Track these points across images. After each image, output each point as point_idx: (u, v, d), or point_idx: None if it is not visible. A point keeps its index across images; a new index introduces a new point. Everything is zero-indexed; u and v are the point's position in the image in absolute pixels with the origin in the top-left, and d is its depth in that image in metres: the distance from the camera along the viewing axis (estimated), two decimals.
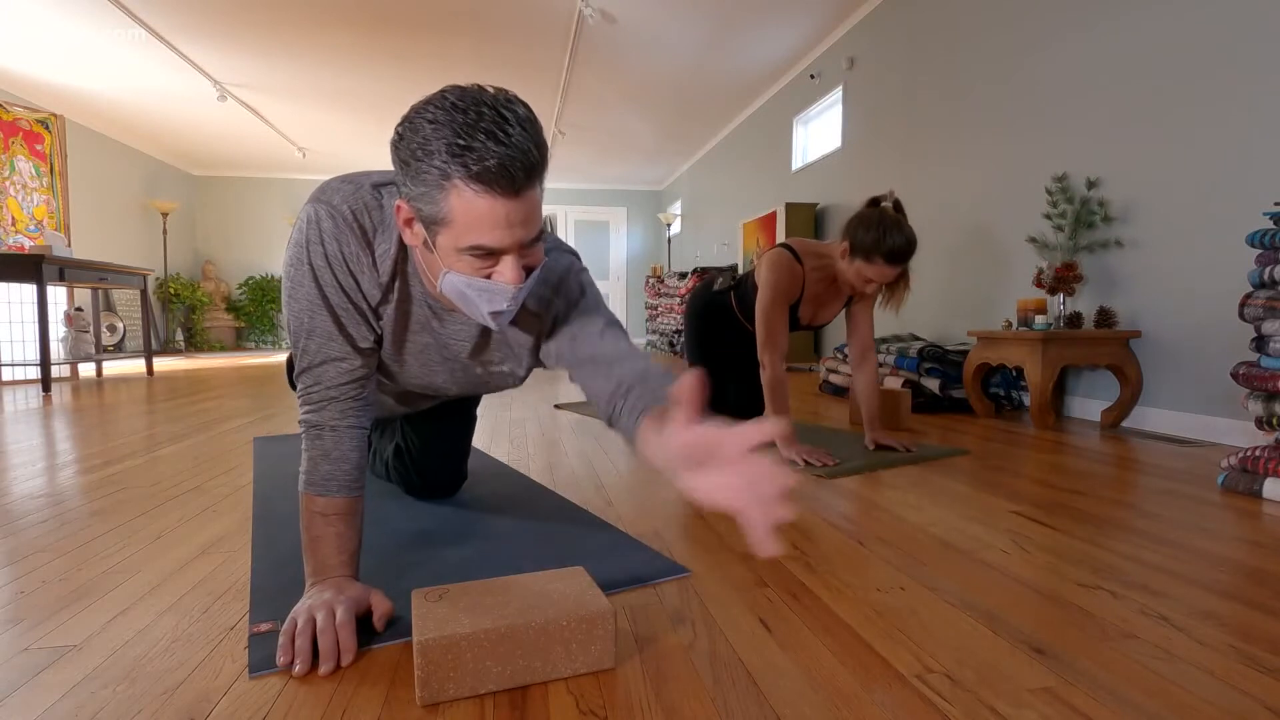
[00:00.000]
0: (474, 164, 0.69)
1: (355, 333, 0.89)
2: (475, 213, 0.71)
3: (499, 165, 0.69)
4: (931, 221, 3.71)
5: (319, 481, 0.86)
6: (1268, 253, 1.54)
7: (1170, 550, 1.14)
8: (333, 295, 0.86)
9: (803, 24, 4.58)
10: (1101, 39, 2.58)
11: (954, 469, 1.78)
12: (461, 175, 0.69)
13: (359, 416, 0.90)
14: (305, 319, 0.87)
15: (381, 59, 5.15)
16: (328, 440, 0.87)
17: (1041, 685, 0.71)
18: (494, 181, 0.70)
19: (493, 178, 0.69)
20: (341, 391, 0.88)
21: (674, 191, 9.56)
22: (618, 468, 1.81)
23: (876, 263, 1.79)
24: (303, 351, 0.88)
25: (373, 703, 0.68)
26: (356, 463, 0.89)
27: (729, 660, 0.77)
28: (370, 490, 1.53)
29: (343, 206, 0.85)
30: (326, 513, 0.86)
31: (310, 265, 0.85)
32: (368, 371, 0.91)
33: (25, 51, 4.91)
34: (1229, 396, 2.15)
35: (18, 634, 0.84)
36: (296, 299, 0.87)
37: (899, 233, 1.76)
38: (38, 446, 2.15)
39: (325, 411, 0.88)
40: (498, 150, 0.69)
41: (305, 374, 0.88)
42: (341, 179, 0.89)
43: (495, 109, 0.70)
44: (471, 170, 0.69)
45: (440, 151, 0.69)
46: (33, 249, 4.14)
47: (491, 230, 0.72)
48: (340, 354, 0.88)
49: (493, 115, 0.69)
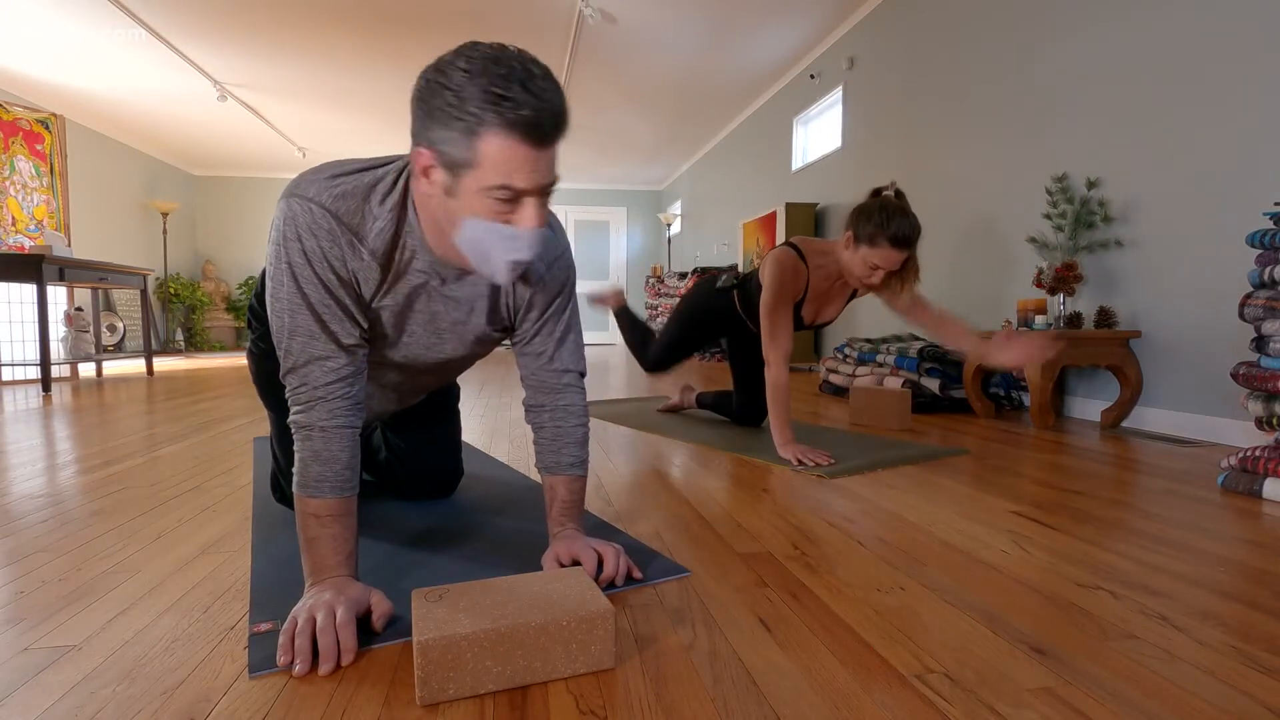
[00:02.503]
0: (509, 112, 0.73)
1: (339, 329, 0.87)
2: (504, 155, 0.75)
3: (534, 115, 0.74)
4: (931, 221, 3.71)
5: (311, 483, 0.86)
6: (1268, 253, 1.54)
7: (1170, 550, 1.14)
8: (312, 292, 0.85)
9: (803, 24, 4.58)
10: (1102, 39, 2.58)
11: (954, 469, 1.78)
12: (497, 121, 0.73)
13: (348, 416, 0.89)
14: (286, 318, 0.86)
15: (381, 59, 5.15)
16: (317, 441, 0.87)
17: (1041, 685, 0.71)
18: (528, 130, 0.74)
19: (527, 127, 0.74)
20: (329, 391, 0.87)
21: (674, 191, 9.56)
22: (618, 468, 1.80)
23: (881, 247, 1.76)
24: (286, 352, 0.87)
25: (373, 703, 0.68)
26: (347, 462, 0.88)
27: (729, 660, 0.77)
28: (370, 490, 1.53)
29: (320, 197, 0.84)
30: (320, 514, 0.85)
31: (288, 263, 0.84)
32: (355, 369, 0.90)
33: (25, 51, 4.91)
34: (1229, 396, 2.15)
35: (18, 634, 0.84)
36: (278, 298, 0.86)
37: (902, 217, 1.75)
38: (38, 446, 2.15)
39: (314, 412, 0.87)
40: (531, 101, 0.73)
41: (291, 374, 0.88)
42: (314, 170, 0.88)
43: (524, 65, 0.75)
44: (507, 118, 0.73)
45: (475, 98, 0.73)
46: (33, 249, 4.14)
47: (519, 171, 0.76)
48: (324, 353, 0.87)
49: (523, 70, 0.74)
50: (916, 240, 1.78)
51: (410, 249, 0.90)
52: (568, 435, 1.06)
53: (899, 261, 1.78)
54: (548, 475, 1.06)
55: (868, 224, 1.78)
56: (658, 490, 1.56)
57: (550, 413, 1.06)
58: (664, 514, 1.37)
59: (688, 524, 1.30)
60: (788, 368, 1.94)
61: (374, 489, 1.54)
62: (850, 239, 1.84)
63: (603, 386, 4.01)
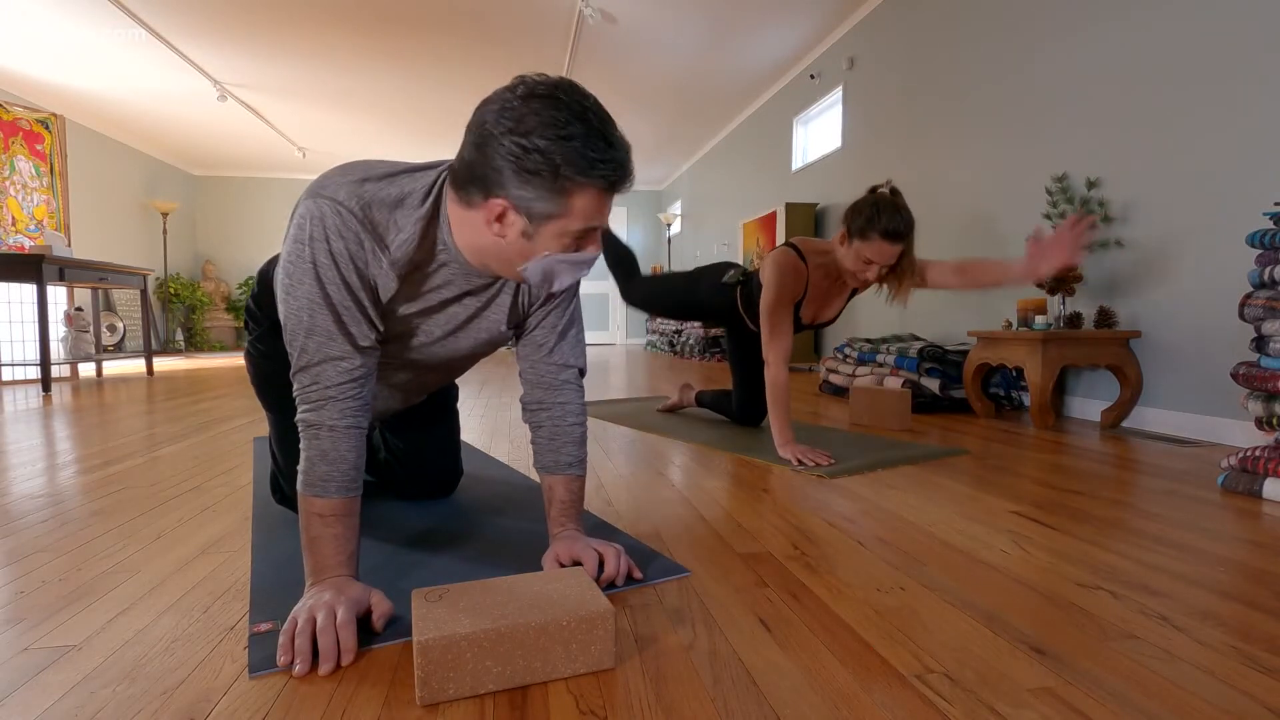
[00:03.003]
0: (605, 173, 0.81)
1: (356, 331, 0.88)
2: (594, 206, 0.84)
3: (622, 172, 0.83)
4: (932, 221, 3.71)
5: (316, 482, 0.86)
6: (1268, 253, 1.54)
7: (1170, 550, 1.14)
8: (335, 293, 0.86)
9: (803, 24, 4.58)
10: (1102, 39, 2.58)
11: (954, 469, 1.78)
12: (592, 184, 0.81)
13: (357, 416, 0.89)
14: (305, 317, 0.86)
15: (381, 59, 5.15)
16: (325, 440, 0.87)
17: (1041, 685, 0.71)
18: (616, 186, 0.84)
19: (616, 184, 0.84)
20: (340, 391, 0.88)
21: (674, 191, 9.56)
22: (618, 468, 1.81)
23: (873, 240, 1.78)
24: (301, 350, 0.87)
25: (373, 703, 0.68)
26: (354, 463, 0.88)
27: (729, 660, 0.77)
28: (370, 490, 1.53)
29: (350, 201, 0.85)
30: (324, 514, 0.85)
31: (313, 262, 0.84)
32: (367, 371, 0.90)
33: (25, 51, 4.91)
34: (1229, 396, 2.15)
35: (18, 634, 0.84)
36: (295, 296, 0.86)
37: (894, 211, 1.76)
38: (38, 446, 2.15)
39: (324, 411, 0.87)
40: (618, 157, 0.82)
41: (303, 373, 0.88)
42: (340, 171, 0.88)
43: (599, 117, 0.81)
44: (605, 179, 0.81)
45: (571, 162, 0.78)
46: (33, 249, 4.14)
47: (600, 214, 0.86)
48: (340, 353, 0.87)
49: (599, 124, 0.80)
50: (909, 235, 1.79)
51: (440, 261, 0.92)
52: (566, 434, 1.07)
53: (892, 255, 1.79)
54: (546, 475, 1.07)
55: (859, 219, 1.80)
56: (658, 490, 1.56)
57: (548, 411, 1.07)
58: (664, 514, 1.37)
59: (688, 524, 1.30)
60: (788, 367, 1.94)
61: (374, 489, 1.54)
62: (844, 235, 1.86)
63: (603, 386, 4.01)
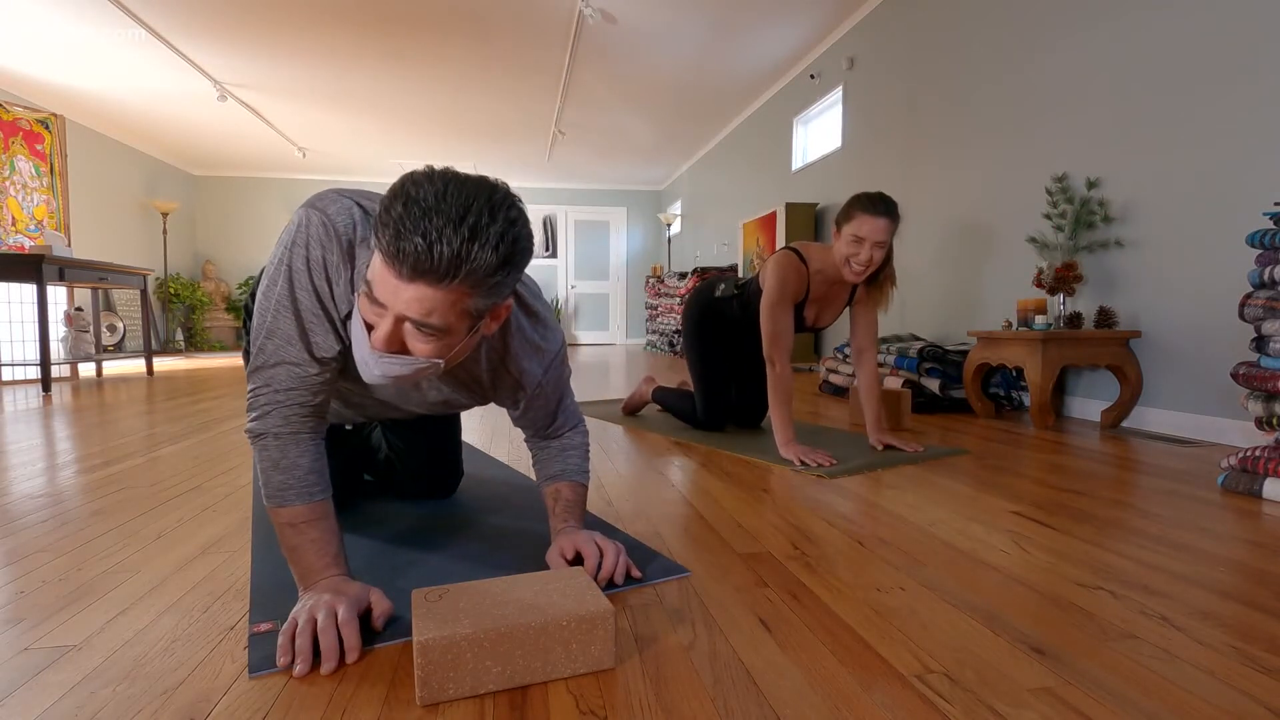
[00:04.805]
0: (396, 243, 0.71)
1: (320, 340, 0.87)
2: (381, 279, 0.74)
3: (416, 251, 0.70)
4: (931, 221, 3.71)
5: (275, 493, 0.86)
6: (1268, 253, 1.54)
7: (1170, 550, 1.14)
8: (304, 299, 0.85)
9: (803, 24, 4.58)
10: (1102, 39, 2.58)
11: (954, 469, 1.78)
12: (387, 252, 0.72)
13: (305, 422, 0.88)
14: (269, 318, 0.86)
15: (381, 59, 5.15)
16: (273, 450, 0.86)
17: (1041, 685, 0.71)
18: (403, 259, 0.71)
19: (406, 258, 0.71)
20: (289, 396, 0.87)
21: (674, 191, 9.56)
22: (618, 468, 1.81)
23: (856, 217, 1.86)
24: (259, 350, 0.87)
25: (373, 703, 0.68)
26: (310, 467, 0.87)
27: (729, 660, 0.77)
28: (370, 490, 1.53)
29: (337, 217, 0.85)
30: (294, 522, 0.85)
31: (289, 266, 0.85)
32: (322, 382, 0.89)
33: (25, 51, 4.90)
34: (1229, 396, 2.15)
35: (18, 634, 0.84)
36: (268, 297, 0.87)
37: (875, 192, 1.88)
38: (38, 446, 2.15)
39: (269, 419, 0.87)
40: (420, 240, 0.70)
41: (256, 374, 0.87)
42: (339, 191, 0.89)
43: (429, 204, 0.70)
44: (394, 247, 0.71)
45: (380, 229, 0.72)
46: (33, 249, 4.14)
47: (386, 293, 0.74)
48: (296, 359, 0.87)
49: (423, 208, 0.70)
50: (890, 208, 1.86)
51: None
52: (572, 450, 1.12)
53: (881, 230, 1.84)
54: (551, 483, 1.10)
55: (844, 208, 1.92)
56: (658, 490, 1.56)
57: (555, 440, 1.14)
58: (664, 514, 1.37)
59: (688, 524, 1.30)
60: (790, 367, 1.95)
61: (374, 489, 1.54)
62: (836, 232, 1.95)
63: (603, 386, 4.01)
